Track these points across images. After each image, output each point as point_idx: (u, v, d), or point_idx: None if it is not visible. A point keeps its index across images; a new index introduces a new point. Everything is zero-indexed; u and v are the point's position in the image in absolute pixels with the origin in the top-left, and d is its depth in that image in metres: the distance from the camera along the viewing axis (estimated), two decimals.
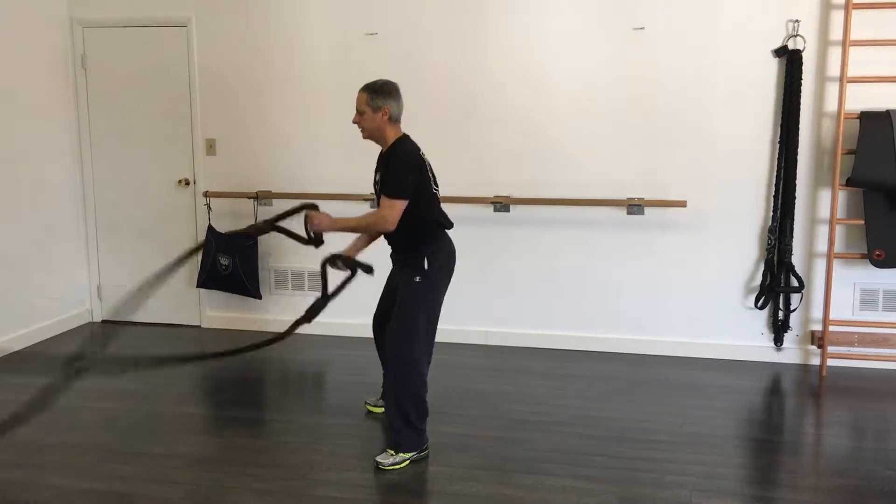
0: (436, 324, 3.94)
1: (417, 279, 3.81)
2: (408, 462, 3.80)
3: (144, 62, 5.94)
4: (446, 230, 3.94)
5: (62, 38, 5.94)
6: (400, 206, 3.70)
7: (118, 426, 4.26)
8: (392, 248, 3.99)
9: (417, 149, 3.86)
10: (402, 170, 3.74)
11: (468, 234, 4.71)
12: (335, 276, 3.83)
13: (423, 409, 3.85)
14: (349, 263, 3.90)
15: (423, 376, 3.85)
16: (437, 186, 3.90)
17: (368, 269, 3.93)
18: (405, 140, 3.86)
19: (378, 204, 3.87)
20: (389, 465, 3.77)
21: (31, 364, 5.23)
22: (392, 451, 3.81)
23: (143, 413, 4.44)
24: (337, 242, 4.06)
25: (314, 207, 3.88)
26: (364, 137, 3.91)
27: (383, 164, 3.86)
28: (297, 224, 3.95)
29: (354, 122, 3.85)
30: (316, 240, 3.88)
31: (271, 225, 4.03)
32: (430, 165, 3.86)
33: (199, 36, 5.83)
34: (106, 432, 4.18)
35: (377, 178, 3.91)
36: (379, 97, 3.76)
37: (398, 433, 3.82)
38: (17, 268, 5.56)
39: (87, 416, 4.36)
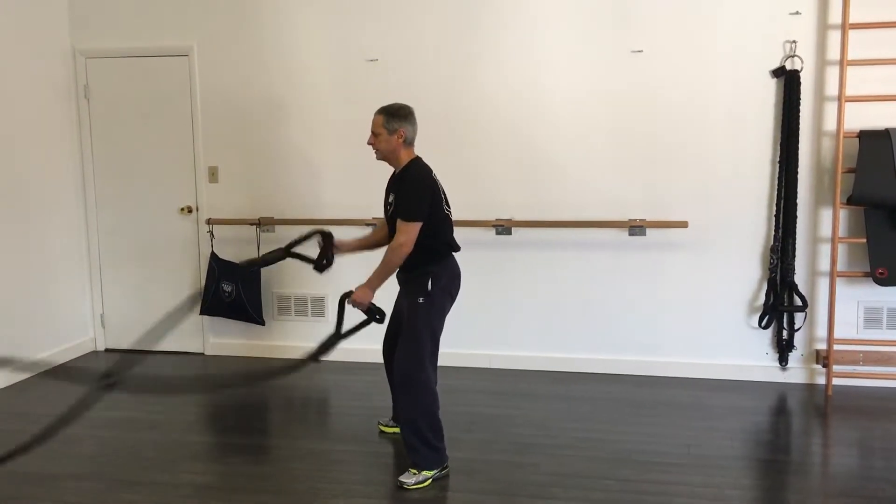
0: (438, 344, 3.96)
1: (421, 300, 3.85)
2: (430, 480, 3.81)
3: (147, 91, 5.99)
4: (454, 253, 3.99)
5: (65, 68, 5.99)
6: (415, 228, 3.77)
7: (123, 455, 4.24)
8: (399, 266, 4.01)
9: (430, 171, 3.93)
10: (416, 192, 3.81)
11: (470, 258, 4.69)
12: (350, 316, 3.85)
13: (438, 427, 3.86)
14: (365, 309, 3.94)
15: (434, 394, 3.87)
16: (448, 208, 3.97)
17: (380, 316, 3.97)
18: (418, 162, 3.94)
19: (388, 223, 3.96)
20: (413, 485, 3.78)
21: (39, 391, 5.24)
22: (414, 471, 3.82)
23: (148, 441, 4.42)
24: (349, 268, 4.08)
25: (329, 235, 3.99)
26: (378, 158, 3.99)
27: (396, 185, 3.93)
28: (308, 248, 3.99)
29: (369, 143, 3.94)
30: (327, 263, 3.99)
31: (285, 251, 4.07)
32: (442, 187, 3.94)
33: (201, 64, 5.87)
34: (110, 461, 4.17)
35: (390, 199, 3.96)
36: (395, 120, 3.85)
37: (417, 452, 3.83)
38: (21, 296, 5.56)
39: (92, 446, 4.34)
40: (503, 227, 5.50)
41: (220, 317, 5.92)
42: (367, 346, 4.32)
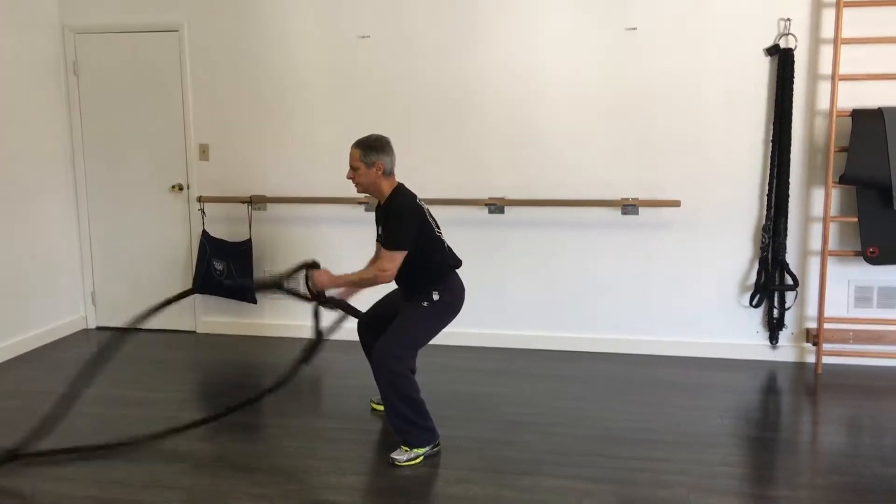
0: (422, 345, 4.00)
1: (425, 304, 3.89)
2: (422, 458, 3.83)
3: (137, 67, 5.94)
4: (456, 269, 4.02)
5: (54, 44, 5.93)
6: (399, 257, 3.79)
7: (114, 432, 4.24)
8: (400, 288, 4.05)
9: (414, 197, 3.95)
10: (402, 221, 3.83)
11: (463, 236, 4.71)
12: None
13: (421, 409, 3.86)
14: (340, 305, 4.01)
15: (412, 379, 3.86)
16: (439, 229, 3.99)
17: (357, 314, 4.06)
18: (401, 190, 3.95)
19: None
20: (405, 461, 3.80)
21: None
22: (406, 448, 3.83)
23: (139, 418, 4.42)
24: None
25: (315, 265, 3.98)
26: (359, 192, 4.00)
27: (383, 217, 3.94)
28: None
29: (349, 177, 3.94)
30: (320, 297, 3.97)
31: (277, 286, 4.09)
32: (428, 211, 3.95)
33: (192, 41, 5.82)
34: (101, 438, 4.16)
35: (379, 230, 3.98)
36: (372, 153, 3.84)
37: (407, 433, 3.84)
38: (11, 274, 5.54)
39: (82, 423, 4.34)
40: (496, 206, 5.49)
41: (212, 295, 5.91)
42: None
